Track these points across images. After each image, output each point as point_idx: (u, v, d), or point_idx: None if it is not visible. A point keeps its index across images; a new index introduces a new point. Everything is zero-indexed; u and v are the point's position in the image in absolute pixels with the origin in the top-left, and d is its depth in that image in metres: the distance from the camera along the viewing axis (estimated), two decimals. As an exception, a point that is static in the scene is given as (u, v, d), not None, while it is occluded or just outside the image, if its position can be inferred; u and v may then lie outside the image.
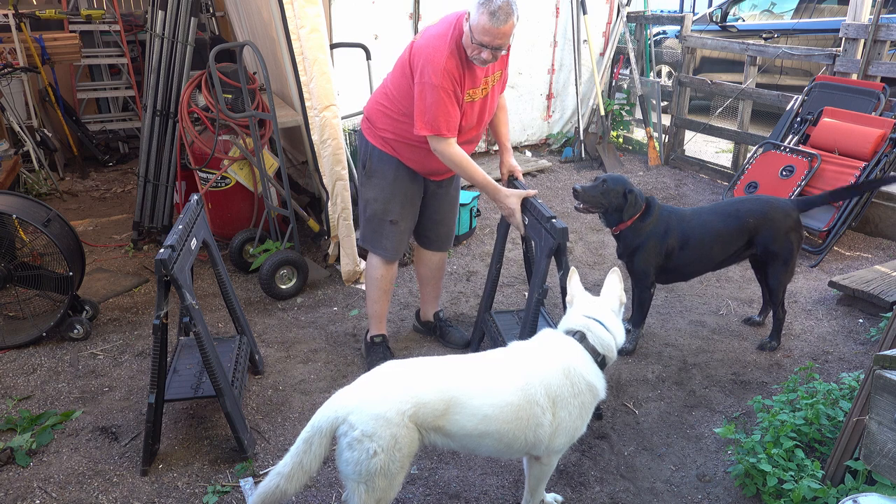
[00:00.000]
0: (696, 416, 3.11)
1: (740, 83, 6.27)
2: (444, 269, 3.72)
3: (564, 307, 3.00)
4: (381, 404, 1.98)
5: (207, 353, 2.64)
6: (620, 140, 7.42)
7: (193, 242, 2.85)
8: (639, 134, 7.56)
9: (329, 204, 4.25)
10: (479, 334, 3.60)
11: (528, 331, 2.95)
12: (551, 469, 2.32)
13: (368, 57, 4.57)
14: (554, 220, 2.81)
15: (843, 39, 5.34)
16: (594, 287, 4.39)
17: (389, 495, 2.06)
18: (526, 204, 3.10)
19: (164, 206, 4.84)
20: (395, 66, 3.03)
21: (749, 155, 5.77)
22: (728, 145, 7.49)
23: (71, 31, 6.70)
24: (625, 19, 6.96)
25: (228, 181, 4.48)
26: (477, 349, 3.61)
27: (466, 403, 2.06)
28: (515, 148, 6.90)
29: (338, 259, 4.42)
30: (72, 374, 3.36)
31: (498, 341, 3.30)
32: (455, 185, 3.47)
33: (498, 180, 3.27)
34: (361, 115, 4.83)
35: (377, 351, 3.44)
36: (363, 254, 4.52)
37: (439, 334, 3.71)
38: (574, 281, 2.38)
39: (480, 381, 2.12)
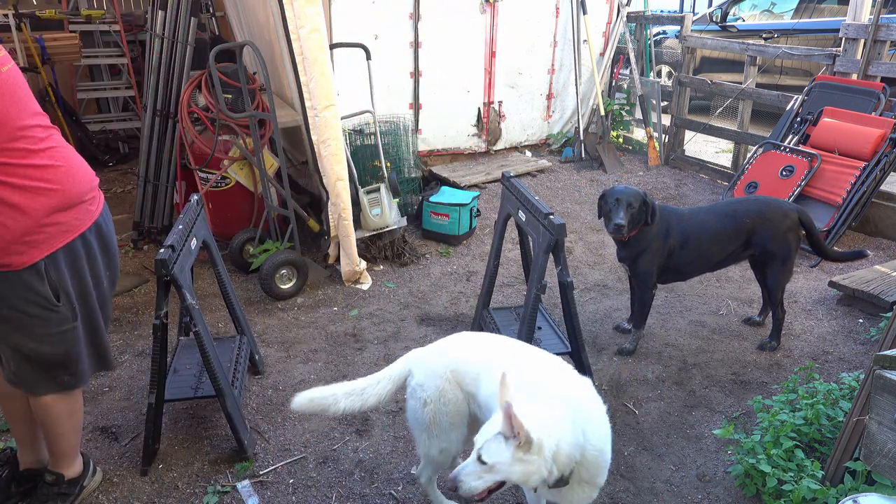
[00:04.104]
0: (696, 416, 3.11)
1: (740, 83, 6.27)
2: (46, 422, 2.34)
3: (563, 303, 3.02)
4: (434, 361, 2.23)
5: (207, 353, 2.64)
6: (620, 140, 7.42)
7: (193, 242, 2.85)
8: (639, 134, 7.55)
9: (329, 204, 4.25)
10: (477, 330, 3.61)
11: (526, 326, 2.96)
12: None
13: (368, 57, 4.57)
14: (551, 217, 2.82)
15: (843, 39, 5.34)
16: (594, 286, 4.41)
17: (450, 448, 2.23)
18: (524, 201, 3.10)
19: (164, 206, 4.85)
20: None
21: (749, 155, 5.77)
22: (728, 145, 7.49)
23: (71, 31, 6.70)
24: (625, 19, 6.96)
25: (228, 181, 4.48)
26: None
27: (490, 376, 2.12)
28: (515, 148, 6.91)
29: (338, 259, 4.42)
30: (72, 374, 3.36)
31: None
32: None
33: (496, 180, 3.25)
34: (361, 116, 4.88)
35: None
36: (362, 254, 4.53)
37: None
38: None
39: (510, 363, 2.13)
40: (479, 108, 6.47)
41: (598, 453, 1.92)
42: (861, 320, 3.93)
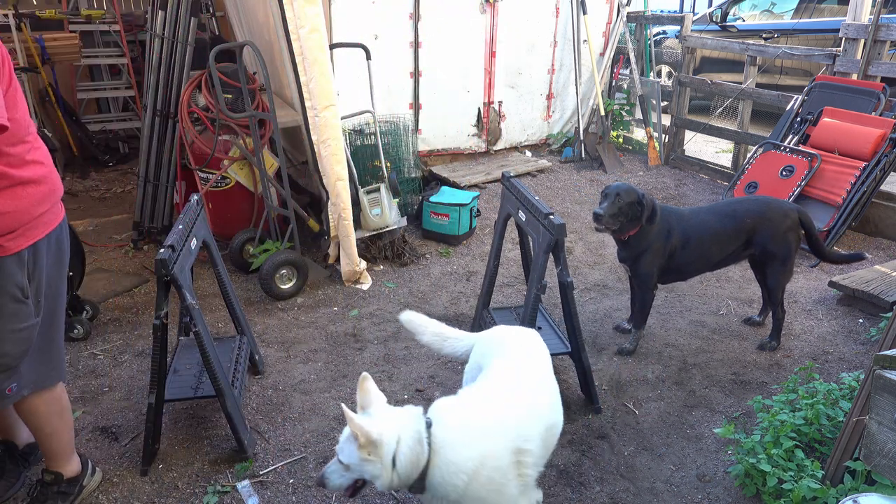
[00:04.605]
0: (696, 416, 3.11)
1: (740, 83, 6.27)
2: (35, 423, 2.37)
3: (563, 303, 3.02)
4: (481, 343, 2.40)
5: (207, 353, 2.64)
6: (620, 140, 7.42)
7: (193, 242, 2.85)
8: (639, 134, 7.56)
9: (329, 204, 4.25)
10: (477, 331, 3.60)
11: (526, 326, 2.96)
12: None
13: (368, 57, 4.57)
14: (551, 217, 2.82)
15: (843, 39, 5.34)
16: (594, 286, 4.41)
17: None
18: (524, 201, 3.10)
19: (164, 206, 4.85)
20: None
21: (749, 155, 5.77)
22: (728, 145, 7.49)
23: (71, 31, 6.70)
24: (625, 19, 6.96)
25: (228, 181, 4.48)
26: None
27: (486, 371, 2.22)
28: (515, 148, 6.90)
29: (338, 259, 4.42)
30: (72, 374, 3.36)
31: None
32: None
33: (496, 180, 3.24)
34: (361, 116, 4.88)
35: None
36: (362, 254, 4.53)
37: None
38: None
39: (491, 369, 2.21)
40: (479, 108, 6.47)
41: (444, 482, 1.85)
42: (861, 320, 3.93)
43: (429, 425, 1.89)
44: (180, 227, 2.72)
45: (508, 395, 2.05)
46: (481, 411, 1.98)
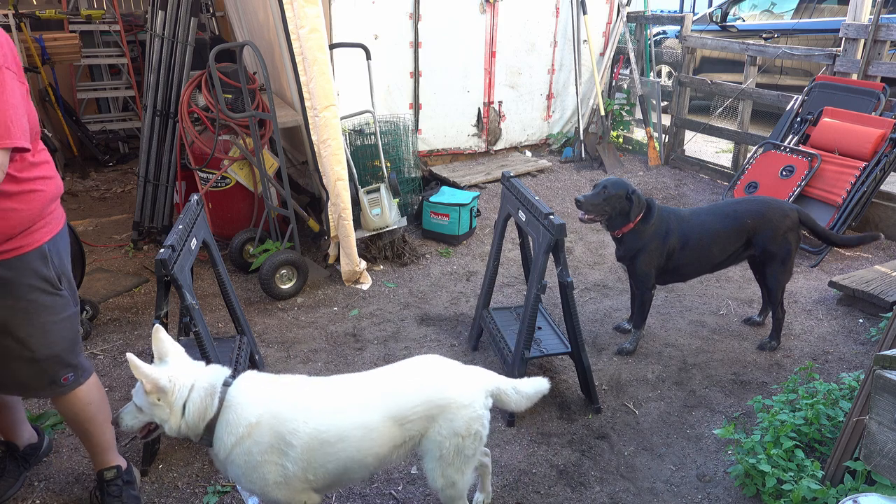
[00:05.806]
0: (696, 416, 3.11)
1: (740, 83, 6.27)
2: (81, 419, 2.35)
3: (563, 303, 3.02)
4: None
5: (207, 353, 2.64)
6: (620, 140, 7.42)
7: (193, 242, 2.85)
8: (639, 134, 7.56)
9: (329, 204, 4.25)
10: (477, 331, 3.61)
11: (526, 326, 2.96)
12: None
13: (368, 57, 4.57)
14: (551, 217, 2.83)
15: (843, 39, 5.34)
16: (594, 286, 4.41)
17: None
18: (524, 201, 3.11)
19: (164, 206, 4.85)
20: None
21: (749, 155, 5.77)
22: (728, 145, 7.49)
23: (71, 31, 6.70)
24: (625, 19, 6.96)
25: (228, 181, 4.48)
26: (476, 346, 3.62)
27: None
28: (515, 148, 6.90)
29: (338, 259, 4.42)
30: (72, 374, 3.36)
31: (496, 337, 3.31)
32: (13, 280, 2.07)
33: (496, 180, 3.25)
34: (361, 116, 4.88)
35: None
36: (362, 254, 4.54)
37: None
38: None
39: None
40: (479, 108, 6.47)
41: (219, 438, 1.97)
42: (861, 320, 3.93)
43: (227, 385, 2.00)
44: (180, 227, 2.72)
45: (310, 392, 2.08)
46: (275, 390, 2.05)
